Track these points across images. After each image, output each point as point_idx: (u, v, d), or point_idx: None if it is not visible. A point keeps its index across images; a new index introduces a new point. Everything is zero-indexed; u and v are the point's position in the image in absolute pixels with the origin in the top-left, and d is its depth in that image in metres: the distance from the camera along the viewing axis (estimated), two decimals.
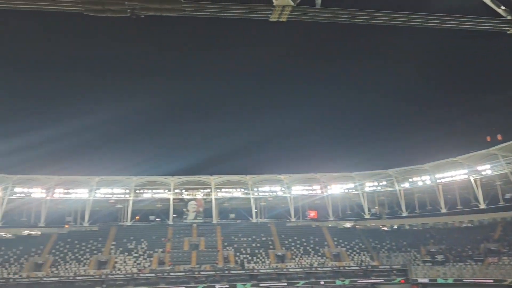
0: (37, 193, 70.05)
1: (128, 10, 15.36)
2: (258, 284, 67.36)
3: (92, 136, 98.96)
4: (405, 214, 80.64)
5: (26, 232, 79.13)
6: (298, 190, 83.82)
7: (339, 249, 76.18)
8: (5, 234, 77.59)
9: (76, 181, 74.70)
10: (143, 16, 16.77)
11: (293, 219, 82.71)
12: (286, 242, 77.62)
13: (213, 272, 68.47)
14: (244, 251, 74.36)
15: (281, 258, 72.98)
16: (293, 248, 75.90)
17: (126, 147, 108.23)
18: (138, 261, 70.76)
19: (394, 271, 70.42)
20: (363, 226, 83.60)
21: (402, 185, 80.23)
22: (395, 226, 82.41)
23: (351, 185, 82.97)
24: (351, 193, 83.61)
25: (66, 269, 69.50)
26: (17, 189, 68.46)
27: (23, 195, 69.13)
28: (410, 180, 79.66)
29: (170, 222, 79.98)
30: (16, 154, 72.28)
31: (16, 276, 67.92)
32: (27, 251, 73.54)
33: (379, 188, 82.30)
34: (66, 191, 73.91)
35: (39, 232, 78.90)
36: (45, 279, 67.62)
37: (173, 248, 74.61)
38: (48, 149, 79.63)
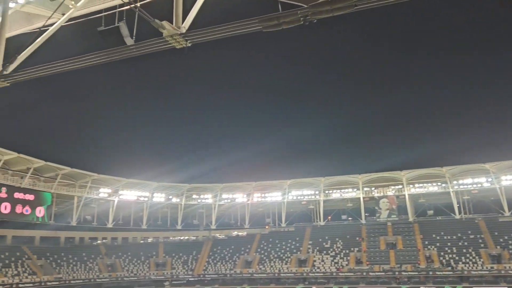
0: (240, 198, 78.78)
1: (301, 18, 15.52)
2: (471, 287, 60.04)
3: (282, 146, 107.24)
4: None
5: (235, 233, 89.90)
6: (511, 179, 71.41)
7: None
8: (219, 235, 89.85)
9: (271, 186, 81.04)
10: (315, 21, 16.74)
11: (507, 213, 70.89)
12: (501, 240, 67.03)
13: (416, 273, 64.18)
14: (449, 251, 67.45)
15: (496, 258, 63.33)
16: (510, 246, 65.02)
17: (312, 153, 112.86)
18: (335, 260, 71.86)
19: None
20: None
21: None
22: None
23: None
24: None
25: (271, 266, 75.76)
26: (224, 196, 78.51)
27: (229, 200, 78.82)
28: None
29: (363, 221, 78.76)
30: (223, 165, 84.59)
31: (232, 272, 77.58)
32: (238, 250, 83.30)
33: None
34: (263, 195, 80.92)
35: (245, 233, 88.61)
36: (255, 275, 75.26)
37: (369, 247, 73.11)
38: (247, 159, 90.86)
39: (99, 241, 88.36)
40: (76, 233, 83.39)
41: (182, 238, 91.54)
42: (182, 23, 13.37)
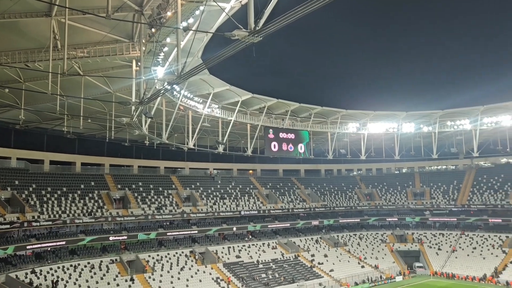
0: (507, 120, 66.91)
1: None
2: None
3: None
4: None
5: (504, 160, 78.58)
6: None
7: None
8: (484, 163, 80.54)
9: None
10: None
11: None
12: None
13: None
14: None
15: None
16: None
17: None
18: None
19: None
20: None
21: None
22: None
23: None
24: None
25: None
26: (485, 120, 68.38)
27: (492, 124, 68.20)
28: None
29: None
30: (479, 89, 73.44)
31: (504, 202, 69.05)
32: (509, 179, 73.09)
33: None
34: None
35: None
36: None
37: None
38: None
39: (354, 172, 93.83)
40: (333, 165, 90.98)
41: (439, 167, 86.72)
42: None
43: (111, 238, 54.67)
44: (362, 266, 65.47)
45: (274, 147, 66.15)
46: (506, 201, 68.76)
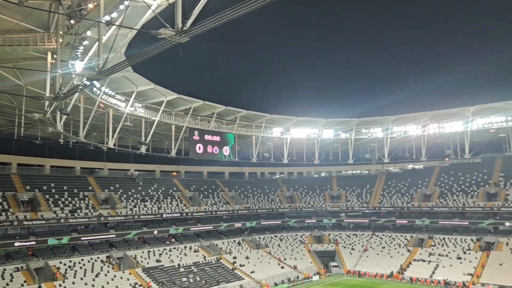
0: (413, 130, 73.36)
1: None
2: None
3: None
4: None
5: (410, 166, 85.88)
6: None
7: None
8: (393, 169, 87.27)
9: (450, 114, 72.61)
10: None
11: None
12: None
13: None
14: None
15: None
16: None
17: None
18: None
19: None
20: None
21: None
22: None
23: None
24: None
25: (454, 200, 70.54)
26: (395, 128, 74.43)
27: (401, 133, 74.37)
28: None
29: None
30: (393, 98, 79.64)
31: (409, 205, 75.32)
32: (414, 183, 79.81)
33: None
34: (441, 125, 73.39)
35: (421, 166, 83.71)
36: (435, 208, 71.62)
37: None
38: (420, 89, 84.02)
39: (277, 176, 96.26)
40: (257, 168, 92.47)
41: (354, 172, 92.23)
42: None
43: (16, 244, 49.98)
44: (282, 267, 67.24)
45: (199, 149, 65.61)
46: (411, 204, 75.15)
